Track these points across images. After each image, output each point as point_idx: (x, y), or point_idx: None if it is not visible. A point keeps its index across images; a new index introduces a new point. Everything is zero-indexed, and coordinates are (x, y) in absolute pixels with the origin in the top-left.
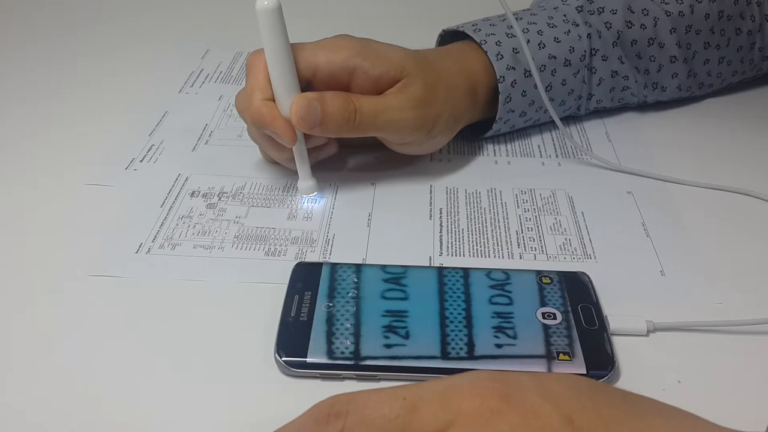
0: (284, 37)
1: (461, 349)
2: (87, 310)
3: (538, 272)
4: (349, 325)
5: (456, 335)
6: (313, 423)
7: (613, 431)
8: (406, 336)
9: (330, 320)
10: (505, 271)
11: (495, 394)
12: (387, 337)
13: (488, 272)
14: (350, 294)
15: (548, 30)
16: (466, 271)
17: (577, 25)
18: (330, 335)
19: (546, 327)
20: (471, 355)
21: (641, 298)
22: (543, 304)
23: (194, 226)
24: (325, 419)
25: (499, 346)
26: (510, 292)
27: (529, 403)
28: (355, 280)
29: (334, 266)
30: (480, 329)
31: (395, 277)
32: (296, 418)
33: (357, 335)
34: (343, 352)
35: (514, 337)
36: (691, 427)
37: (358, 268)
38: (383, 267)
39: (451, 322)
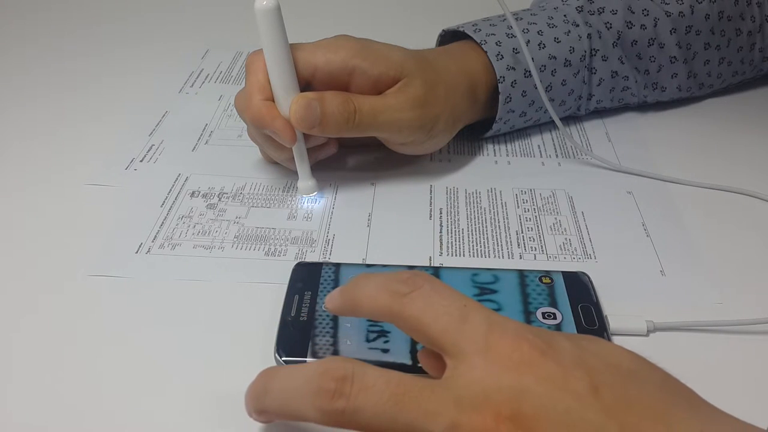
0: (283, 38)
1: None
2: (87, 310)
3: (538, 272)
4: (349, 325)
5: None
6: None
7: (634, 415)
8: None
9: (330, 320)
10: (504, 271)
11: (533, 346)
12: (387, 338)
13: (488, 272)
14: None
15: (548, 30)
16: (466, 271)
17: (577, 26)
18: (330, 335)
19: (546, 327)
20: None
21: (641, 298)
22: (543, 304)
23: (194, 226)
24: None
25: None
26: (510, 292)
27: (563, 364)
28: None
29: (334, 266)
30: None
31: None
32: (301, 371)
33: (357, 335)
34: (343, 352)
35: None
36: (715, 423)
37: (358, 268)
38: (383, 267)
39: None
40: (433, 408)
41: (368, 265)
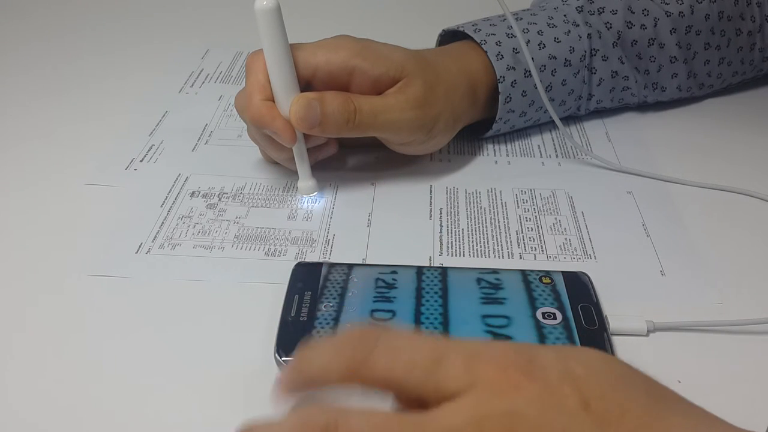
0: (283, 38)
1: None
2: (87, 309)
3: (538, 272)
4: (349, 325)
5: (456, 335)
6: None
7: (628, 421)
8: None
9: (330, 320)
10: (504, 271)
11: (518, 368)
12: None
13: (489, 272)
14: (350, 294)
15: (548, 30)
16: (466, 271)
17: (578, 26)
18: (330, 335)
19: (546, 327)
20: None
21: (641, 298)
22: (543, 304)
23: (194, 226)
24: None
25: None
26: (509, 292)
27: (550, 381)
28: (356, 280)
29: (334, 266)
30: (480, 329)
31: (395, 277)
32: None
33: None
34: None
35: (513, 337)
36: (708, 427)
37: (358, 268)
38: (383, 267)
39: (453, 321)
40: None
41: (368, 265)
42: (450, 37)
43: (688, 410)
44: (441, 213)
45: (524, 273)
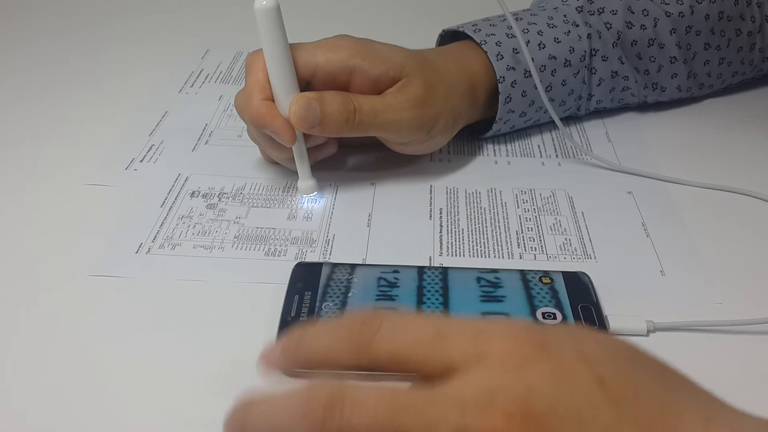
0: (283, 37)
1: None
2: (87, 310)
3: (538, 272)
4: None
5: None
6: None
7: (642, 403)
8: None
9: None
10: (504, 271)
11: (530, 342)
12: None
13: (488, 272)
14: (350, 294)
15: (548, 30)
16: (466, 271)
17: (577, 26)
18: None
19: None
20: None
21: (641, 298)
22: (543, 304)
23: (194, 226)
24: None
25: None
26: (509, 291)
27: (564, 358)
28: (356, 280)
29: (334, 266)
30: None
31: (395, 276)
32: (286, 397)
33: None
34: None
35: None
36: (719, 412)
37: (359, 268)
38: (383, 267)
39: None
40: (435, 417)
41: (369, 265)
42: (450, 37)
43: (700, 393)
44: (441, 213)
45: (524, 273)
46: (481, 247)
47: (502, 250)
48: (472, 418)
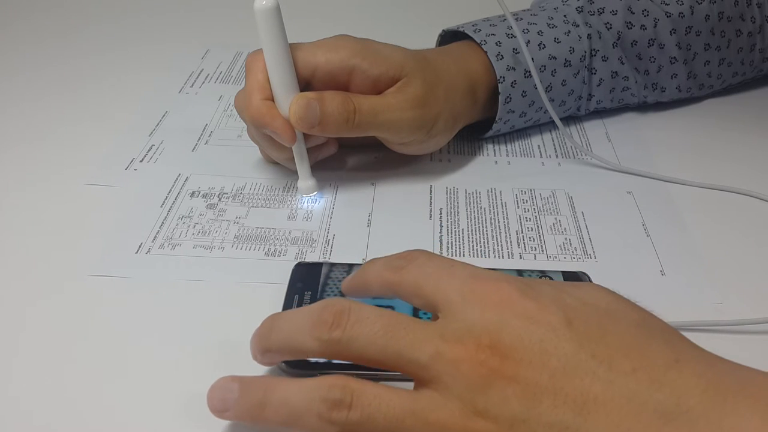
0: (283, 37)
1: None
2: (87, 310)
3: (538, 272)
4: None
5: None
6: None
7: (609, 343)
8: None
9: None
10: (504, 271)
11: (512, 287)
12: None
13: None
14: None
15: (548, 30)
16: None
17: (577, 26)
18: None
19: None
20: None
21: (641, 298)
22: None
23: (194, 226)
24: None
25: None
26: None
27: (540, 301)
28: None
29: (334, 266)
30: None
31: None
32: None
33: None
34: None
35: None
36: (690, 353)
37: (359, 268)
38: None
39: None
40: (420, 339)
41: None
42: (450, 37)
43: (676, 341)
44: (441, 213)
45: (524, 273)
46: (481, 247)
47: (502, 250)
48: (449, 345)
